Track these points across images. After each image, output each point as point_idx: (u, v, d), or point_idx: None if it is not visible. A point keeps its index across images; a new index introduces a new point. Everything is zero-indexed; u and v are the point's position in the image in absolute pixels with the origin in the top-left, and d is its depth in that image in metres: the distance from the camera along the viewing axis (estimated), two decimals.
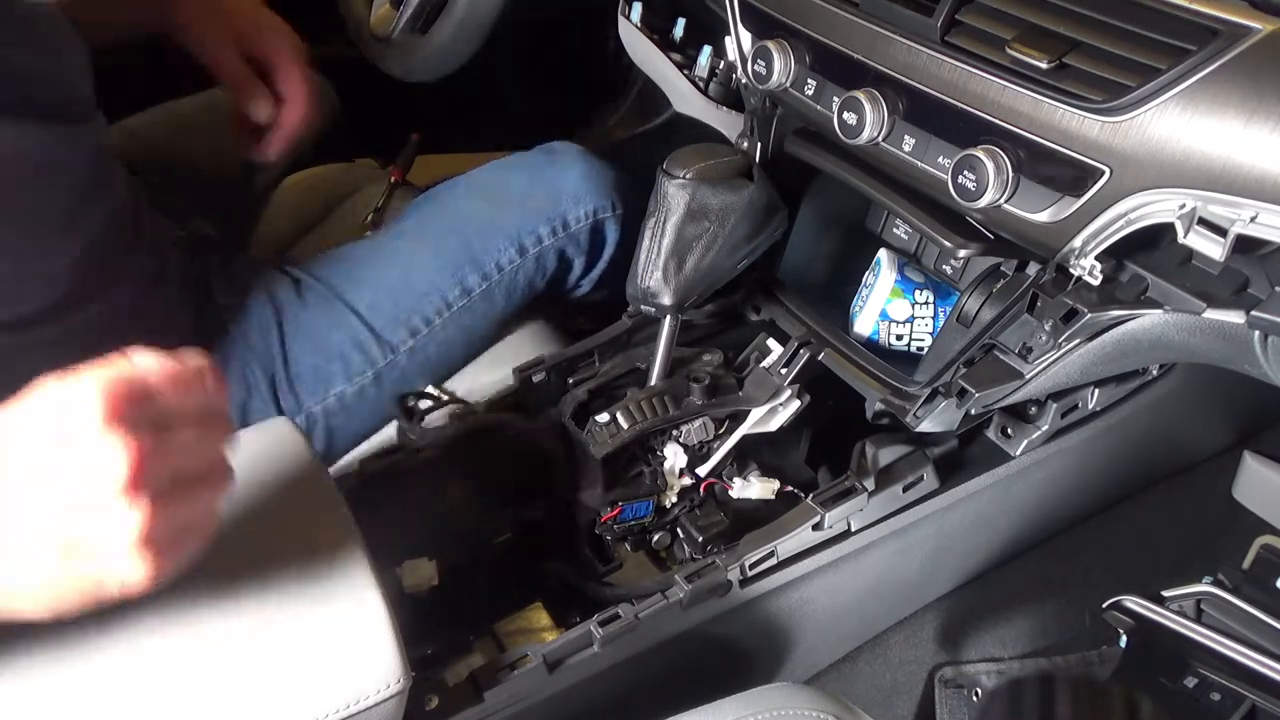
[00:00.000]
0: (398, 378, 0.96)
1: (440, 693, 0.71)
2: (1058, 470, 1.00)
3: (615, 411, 0.83)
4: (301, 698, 0.58)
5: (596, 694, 0.79)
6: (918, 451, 0.90)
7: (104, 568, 0.48)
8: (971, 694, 1.02)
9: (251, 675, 0.59)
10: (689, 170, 0.82)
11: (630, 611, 0.77)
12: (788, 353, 0.88)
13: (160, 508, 0.47)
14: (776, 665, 0.95)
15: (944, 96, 0.72)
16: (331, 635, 0.61)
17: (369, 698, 0.59)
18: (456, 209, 0.89)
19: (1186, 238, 0.61)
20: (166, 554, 0.49)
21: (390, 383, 0.97)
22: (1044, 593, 1.09)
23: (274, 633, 0.61)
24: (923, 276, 0.97)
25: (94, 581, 0.48)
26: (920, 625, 1.06)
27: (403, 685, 0.60)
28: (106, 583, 0.48)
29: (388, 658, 0.60)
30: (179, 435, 0.49)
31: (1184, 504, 1.16)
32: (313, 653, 0.60)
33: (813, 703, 0.63)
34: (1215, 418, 1.16)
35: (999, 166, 0.68)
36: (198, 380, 0.50)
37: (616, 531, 0.85)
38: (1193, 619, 1.00)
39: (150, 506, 0.47)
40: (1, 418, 0.47)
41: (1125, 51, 0.62)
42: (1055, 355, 0.76)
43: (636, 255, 0.84)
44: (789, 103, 0.86)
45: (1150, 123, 0.61)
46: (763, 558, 0.83)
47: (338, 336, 0.95)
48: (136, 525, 0.46)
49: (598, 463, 0.81)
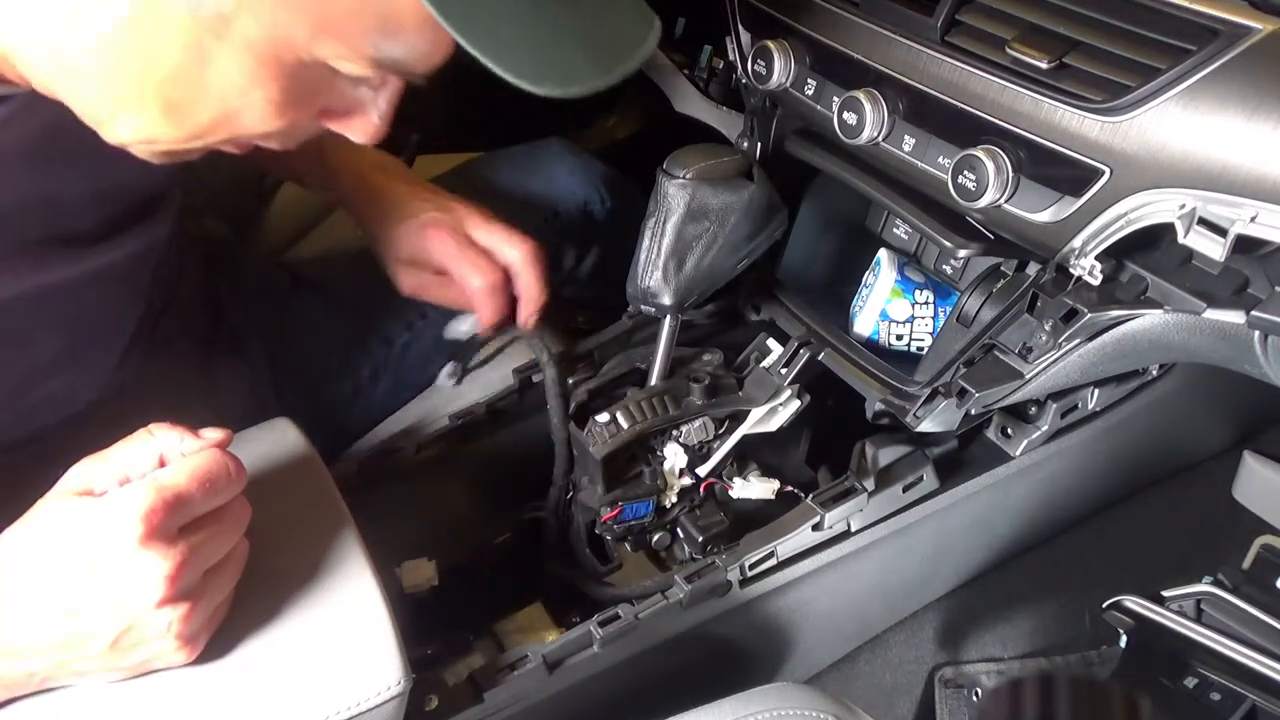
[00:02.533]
0: (397, 374, 0.96)
1: (440, 693, 0.71)
2: (1058, 470, 1.00)
3: (615, 411, 0.83)
4: (302, 699, 0.58)
5: (596, 694, 0.79)
6: (918, 451, 0.90)
7: (149, 657, 0.55)
8: (971, 694, 1.02)
9: (252, 676, 0.59)
10: (689, 170, 0.82)
11: (630, 612, 0.77)
12: (788, 353, 0.88)
13: (195, 603, 0.55)
14: (776, 665, 0.95)
15: (944, 96, 0.72)
16: (332, 636, 0.61)
17: (370, 700, 0.59)
18: None
19: (1186, 238, 0.61)
20: (202, 637, 0.57)
21: (390, 379, 0.97)
22: (1044, 593, 1.09)
23: (274, 634, 0.60)
24: (923, 276, 0.97)
25: (139, 665, 0.56)
26: (920, 625, 1.06)
27: (403, 687, 0.60)
28: (151, 665, 0.56)
29: (388, 659, 0.60)
30: (208, 536, 0.55)
31: (1184, 504, 1.16)
32: (313, 654, 0.60)
33: (813, 703, 0.63)
34: (1215, 418, 1.16)
35: (999, 166, 0.68)
36: (223, 477, 0.56)
37: (616, 531, 0.85)
38: (1193, 619, 1.00)
39: (187, 606, 0.54)
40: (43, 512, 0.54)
41: (1125, 51, 0.62)
42: (1055, 355, 0.76)
43: (636, 255, 0.84)
44: (789, 103, 0.86)
45: (1150, 123, 0.60)
46: (763, 558, 0.83)
47: (338, 334, 0.95)
48: (176, 623, 0.54)
49: (598, 463, 0.81)
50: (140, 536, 0.51)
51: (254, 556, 0.63)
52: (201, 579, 0.55)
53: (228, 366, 0.90)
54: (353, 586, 0.62)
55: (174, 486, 0.53)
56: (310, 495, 0.67)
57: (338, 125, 0.56)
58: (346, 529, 0.65)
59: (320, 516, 0.66)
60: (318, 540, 0.65)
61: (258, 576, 0.63)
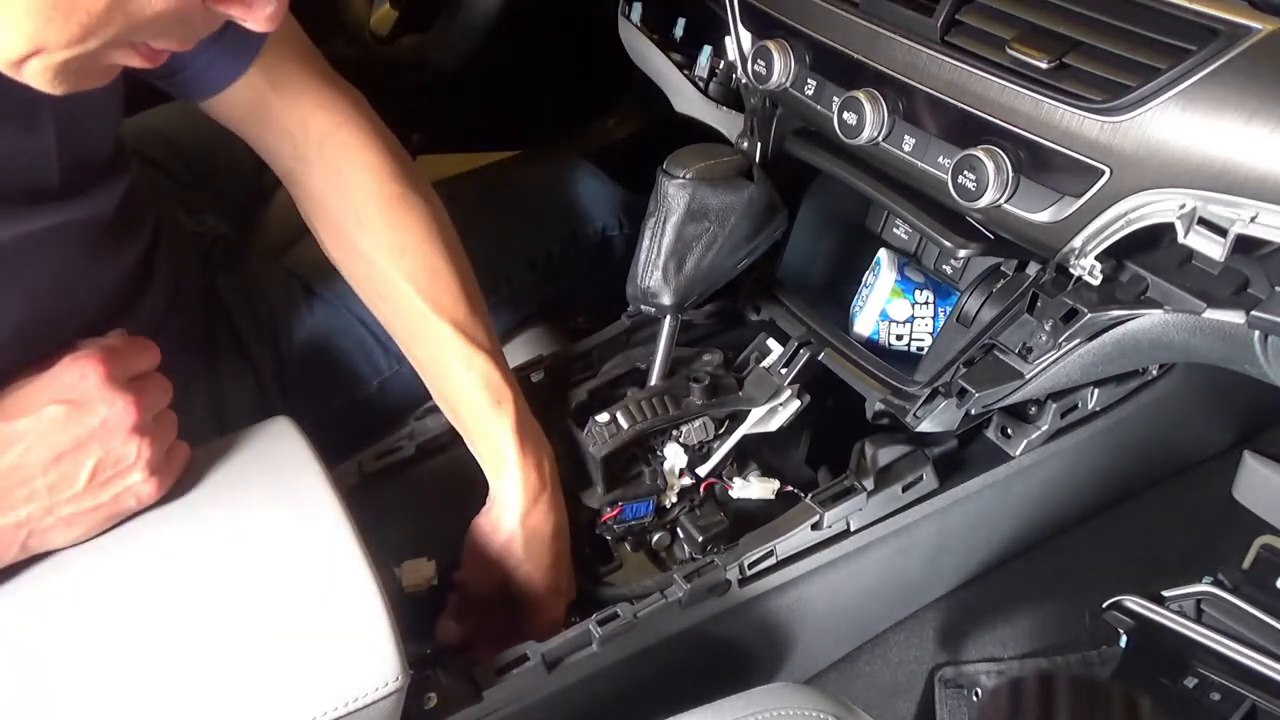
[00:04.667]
0: (402, 387, 0.96)
1: (439, 691, 0.71)
2: (1058, 470, 1.00)
3: (615, 411, 0.83)
4: (300, 695, 0.58)
5: (595, 693, 0.79)
6: (917, 451, 0.90)
7: (124, 490, 0.64)
8: (971, 694, 1.02)
9: (251, 673, 0.59)
10: (689, 170, 0.82)
11: (629, 610, 0.77)
12: (788, 353, 0.88)
13: (154, 437, 0.64)
14: (776, 665, 0.95)
15: (944, 96, 0.72)
16: (330, 633, 0.61)
17: (367, 695, 0.59)
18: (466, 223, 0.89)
19: (1186, 238, 0.61)
20: (165, 472, 0.66)
21: (394, 391, 0.96)
22: (1044, 593, 1.09)
23: (273, 630, 0.61)
24: (923, 276, 0.97)
25: (115, 502, 0.64)
26: (920, 625, 1.06)
27: (401, 683, 0.60)
28: (126, 500, 0.64)
29: (386, 656, 0.60)
30: (147, 384, 0.65)
31: (1184, 504, 1.16)
32: (311, 650, 0.60)
33: (813, 703, 0.63)
34: (1215, 418, 1.16)
35: (999, 166, 0.68)
36: (140, 342, 0.67)
37: (616, 531, 0.85)
38: (1193, 619, 1.00)
39: (149, 438, 0.63)
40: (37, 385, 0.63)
41: (1125, 51, 0.62)
42: (1055, 355, 0.76)
43: (636, 255, 0.84)
44: (789, 103, 0.86)
45: (1150, 123, 0.60)
46: (761, 557, 0.83)
47: (344, 344, 0.95)
48: (145, 448, 0.63)
49: (598, 462, 0.81)
50: (102, 377, 0.62)
51: (254, 555, 0.63)
52: (153, 421, 0.64)
53: (231, 367, 0.90)
54: (350, 583, 0.62)
55: (108, 345, 0.65)
56: (310, 495, 0.67)
57: (235, 10, 0.54)
58: (346, 529, 0.65)
59: (319, 516, 0.66)
60: (317, 539, 0.65)
61: (257, 575, 0.63)
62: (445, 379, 0.80)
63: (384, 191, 0.80)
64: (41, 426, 0.61)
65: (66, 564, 0.63)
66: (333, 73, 0.82)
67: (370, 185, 0.80)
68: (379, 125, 0.83)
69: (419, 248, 0.79)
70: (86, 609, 0.61)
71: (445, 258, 0.80)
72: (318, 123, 0.80)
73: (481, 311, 0.81)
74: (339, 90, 0.81)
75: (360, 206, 0.80)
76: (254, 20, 0.54)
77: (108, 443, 0.62)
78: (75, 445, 0.61)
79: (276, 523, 0.66)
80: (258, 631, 0.61)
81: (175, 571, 0.63)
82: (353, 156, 0.80)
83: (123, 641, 0.60)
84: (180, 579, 0.63)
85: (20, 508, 0.61)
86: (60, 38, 0.50)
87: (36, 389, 0.63)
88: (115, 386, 0.62)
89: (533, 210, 1.10)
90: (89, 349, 0.64)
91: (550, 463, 0.80)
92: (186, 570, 0.63)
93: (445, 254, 0.80)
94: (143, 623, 0.61)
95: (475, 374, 0.78)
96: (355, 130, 0.81)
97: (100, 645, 0.59)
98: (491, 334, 0.82)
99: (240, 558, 0.64)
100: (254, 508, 0.67)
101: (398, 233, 0.79)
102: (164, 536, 0.65)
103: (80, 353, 0.64)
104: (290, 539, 0.65)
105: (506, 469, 0.78)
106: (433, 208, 0.82)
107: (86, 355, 0.63)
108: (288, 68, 0.78)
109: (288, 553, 0.64)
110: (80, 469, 0.61)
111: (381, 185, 0.80)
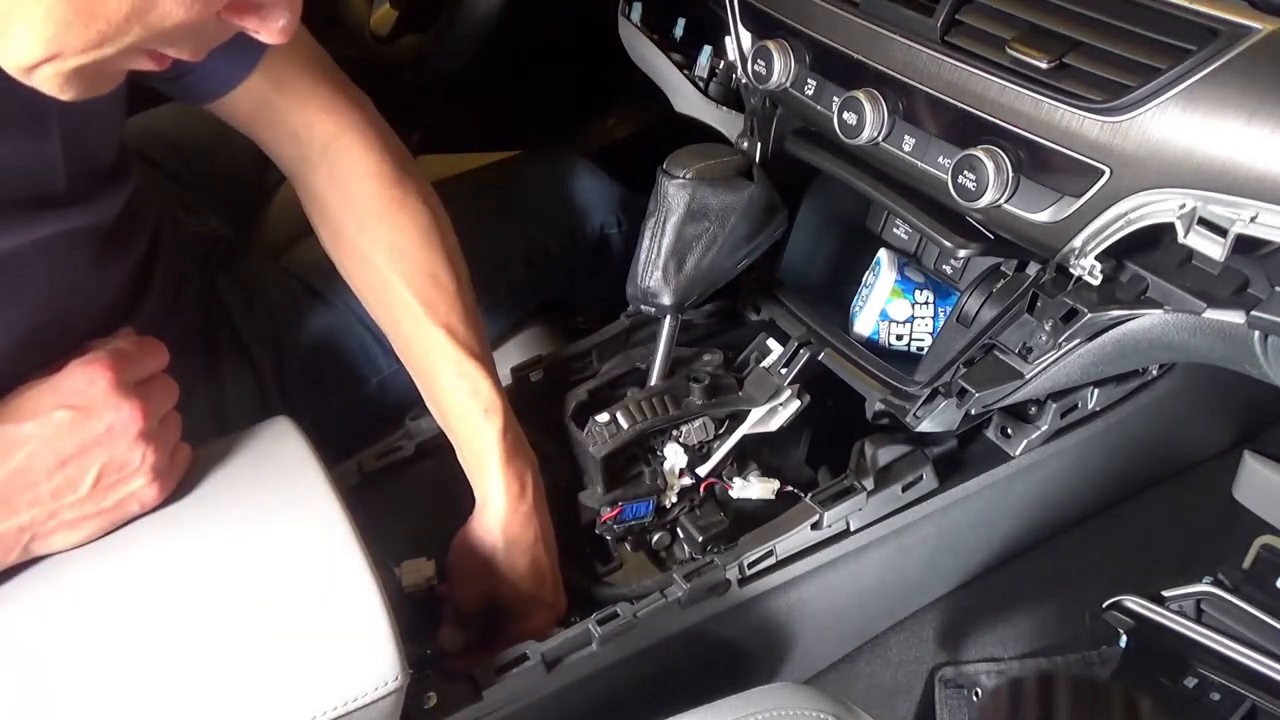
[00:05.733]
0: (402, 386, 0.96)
1: (439, 691, 0.71)
2: (1057, 470, 1.00)
3: (615, 411, 0.83)
4: (300, 694, 0.58)
5: (595, 693, 0.79)
6: (917, 451, 0.90)
7: (128, 495, 0.64)
8: (971, 694, 1.02)
9: (250, 672, 0.59)
10: (689, 170, 0.82)
11: (629, 610, 0.77)
12: (788, 353, 0.88)
13: (159, 443, 0.64)
14: (776, 665, 0.95)
15: (944, 96, 0.72)
16: (330, 633, 0.61)
17: (366, 695, 0.59)
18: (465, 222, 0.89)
19: (1186, 238, 0.61)
20: (168, 476, 0.65)
21: (394, 391, 0.96)
22: (1044, 593, 1.09)
23: (273, 630, 0.61)
24: (923, 276, 0.97)
25: (118, 506, 0.64)
26: (920, 625, 1.06)
27: (400, 682, 0.60)
28: (129, 505, 0.64)
29: (385, 655, 0.60)
30: (154, 388, 0.65)
31: (1184, 504, 1.16)
32: (311, 650, 0.60)
33: (813, 703, 0.63)
34: (1215, 418, 1.16)
35: (999, 166, 0.68)
36: (148, 343, 0.67)
37: (616, 531, 0.85)
38: (1193, 619, 1.00)
39: (154, 443, 0.63)
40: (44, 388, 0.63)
41: (1125, 51, 0.62)
42: (1055, 355, 0.76)
43: (636, 255, 0.84)
44: (789, 103, 0.86)
45: (1150, 123, 0.60)
46: (761, 557, 0.83)
47: (344, 344, 0.95)
48: (150, 454, 0.63)
49: (598, 463, 0.81)
50: (110, 383, 0.62)
51: (253, 555, 0.63)
52: (159, 425, 0.64)
53: (231, 367, 0.90)
54: (350, 583, 0.62)
55: (117, 348, 0.65)
56: (309, 495, 0.67)
57: (250, 23, 0.54)
58: (345, 529, 0.65)
59: (319, 516, 0.66)
60: (316, 539, 0.65)
61: (257, 574, 0.63)
62: (435, 384, 0.80)
63: (385, 195, 0.80)
64: (47, 431, 0.61)
65: (67, 565, 0.63)
66: (339, 75, 0.82)
67: (371, 189, 0.80)
68: (383, 128, 0.83)
69: (417, 252, 0.80)
70: (87, 610, 0.61)
71: (443, 263, 0.80)
72: (321, 126, 0.80)
73: (476, 319, 0.81)
74: (344, 93, 0.81)
75: (361, 210, 0.80)
76: (267, 33, 0.55)
77: (113, 449, 0.62)
78: (80, 450, 0.61)
79: (276, 523, 0.66)
80: (258, 631, 0.60)
81: (175, 572, 0.63)
82: (355, 160, 0.80)
83: (123, 642, 0.60)
84: (180, 579, 0.63)
85: (24, 511, 0.61)
86: (78, 44, 0.50)
87: (43, 393, 0.63)
88: (122, 393, 0.62)
89: (530, 208, 1.10)
90: (98, 353, 0.64)
91: (534, 474, 0.80)
92: (186, 570, 0.63)
93: (443, 260, 0.80)
94: (143, 623, 0.61)
95: (465, 380, 0.78)
96: (358, 134, 0.80)
97: (101, 646, 0.59)
98: (485, 342, 0.82)
99: (240, 558, 0.64)
100: (254, 508, 0.67)
101: (397, 236, 0.80)
102: (164, 537, 0.65)
103: (89, 357, 0.64)
104: (290, 539, 0.65)
105: (489, 476, 0.78)
106: (433, 213, 0.82)
107: (95, 360, 0.63)
108: (292, 71, 0.78)
109: (288, 553, 0.64)
110: (85, 474, 0.61)
111: (382, 189, 0.80)
